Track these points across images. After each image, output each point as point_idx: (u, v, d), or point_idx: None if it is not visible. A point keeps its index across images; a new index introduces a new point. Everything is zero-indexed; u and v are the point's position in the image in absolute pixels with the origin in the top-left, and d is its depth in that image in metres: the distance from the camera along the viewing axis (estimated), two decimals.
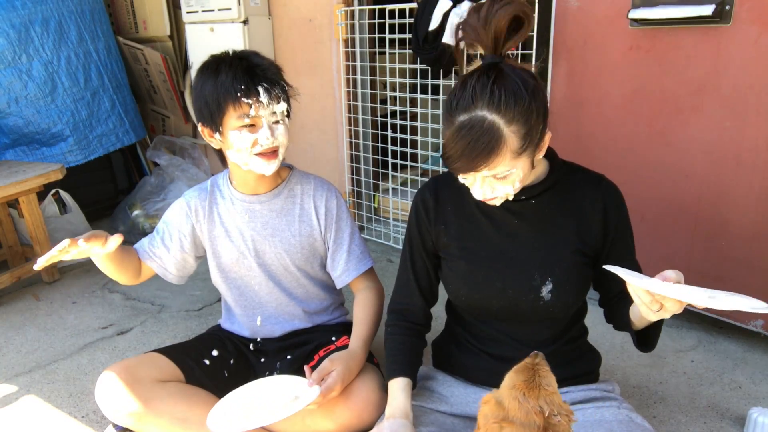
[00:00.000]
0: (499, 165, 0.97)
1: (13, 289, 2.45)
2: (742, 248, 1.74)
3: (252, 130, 1.28)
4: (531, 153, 1.01)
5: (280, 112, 1.31)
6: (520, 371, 0.88)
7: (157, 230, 1.50)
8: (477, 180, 1.02)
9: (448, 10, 2.06)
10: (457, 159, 0.97)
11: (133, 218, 3.14)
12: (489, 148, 0.95)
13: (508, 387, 0.88)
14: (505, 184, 1.02)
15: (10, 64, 2.71)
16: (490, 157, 0.95)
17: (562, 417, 0.83)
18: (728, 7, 1.59)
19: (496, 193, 1.03)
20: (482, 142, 0.94)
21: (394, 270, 2.51)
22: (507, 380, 0.89)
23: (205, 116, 1.31)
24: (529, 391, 0.85)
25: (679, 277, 0.87)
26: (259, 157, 1.31)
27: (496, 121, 0.95)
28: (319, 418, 1.27)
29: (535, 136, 0.99)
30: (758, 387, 1.64)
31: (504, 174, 0.99)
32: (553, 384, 0.87)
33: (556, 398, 0.86)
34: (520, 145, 0.97)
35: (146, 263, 1.47)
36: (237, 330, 1.58)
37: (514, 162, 0.98)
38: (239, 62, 1.27)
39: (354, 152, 2.90)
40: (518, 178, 1.01)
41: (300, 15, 2.87)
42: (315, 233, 1.47)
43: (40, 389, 1.75)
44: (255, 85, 1.25)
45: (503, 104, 0.94)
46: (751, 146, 1.66)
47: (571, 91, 1.99)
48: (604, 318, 1.21)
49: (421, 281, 1.26)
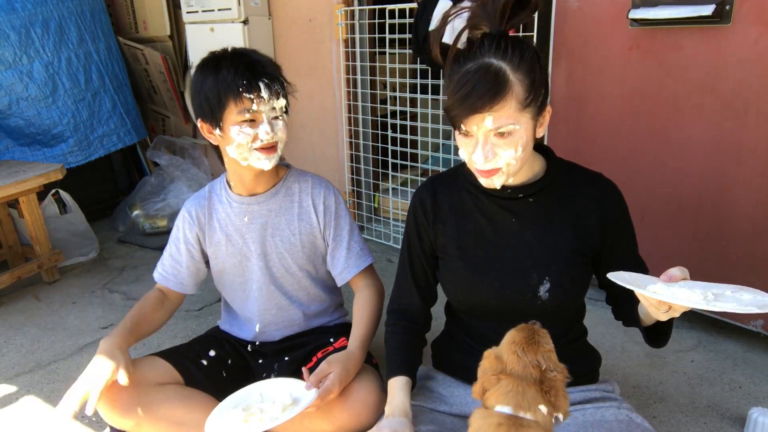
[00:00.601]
0: (504, 109, 0.95)
1: (13, 289, 2.45)
2: (742, 248, 1.74)
3: (252, 125, 1.29)
4: (534, 115, 1.00)
5: (280, 107, 1.32)
6: (520, 330, 0.92)
7: (164, 252, 1.52)
8: (479, 139, 0.99)
9: (448, 10, 2.06)
10: (461, 102, 0.96)
11: (133, 218, 3.14)
12: (495, 89, 0.94)
13: (508, 342, 0.91)
14: (507, 147, 0.99)
15: (11, 66, 2.71)
16: (496, 98, 0.94)
17: (557, 374, 0.87)
18: (728, 7, 1.59)
19: (496, 159, 1.00)
20: (488, 82, 0.94)
21: (394, 270, 2.49)
22: (507, 337, 0.93)
23: (205, 112, 1.31)
24: (528, 346, 0.88)
25: (684, 274, 0.88)
26: (258, 151, 1.31)
27: (502, 67, 0.95)
28: (317, 421, 1.26)
29: (538, 94, 0.99)
30: (758, 387, 1.64)
31: (507, 128, 0.97)
32: (550, 344, 0.91)
33: (553, 356, 0.89)
34: (525, 96, 0.96)
35: (166, 288, 1.50)
36: (236, 332, 1.58)
37: (518, 115, 0.97)
38: (240, 58, 1.28)
39: (354, 152, 2.90)
40: (521, 142, 0.99)
41: (300, 15, 2.87)
42: (315, 231, 1.46)
43: (40, 389, 1.75)
44: (256, 81, 1.26)
45: (509, 53, 0.96)
46: (751, 146, 1.65)
47: (571, 91, 1.99)
48: (604, 318, 1.21)
49: (419, 281, 1.26)
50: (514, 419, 0.85)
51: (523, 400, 0.85)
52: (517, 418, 0.85)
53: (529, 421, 0.84)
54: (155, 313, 1.45)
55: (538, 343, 0.89)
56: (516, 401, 0.85)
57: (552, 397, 0.85)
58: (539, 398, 0.85)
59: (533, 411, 0.85)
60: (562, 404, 0.86)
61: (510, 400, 0.85)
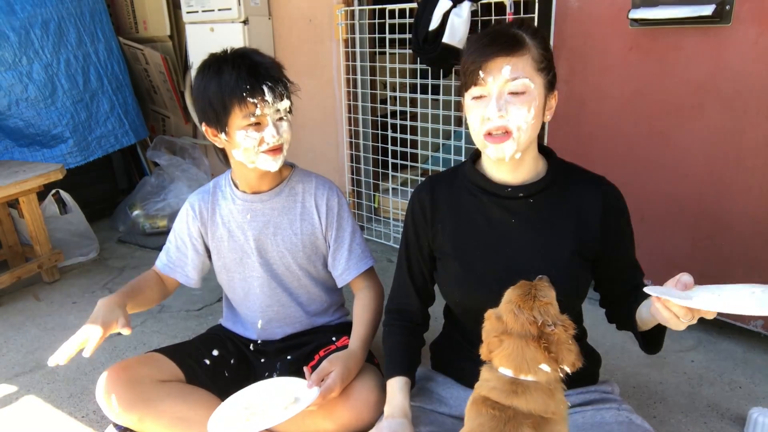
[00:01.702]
0: (522, 61, 0.99)
1: (13, 289, 2.45)
2: (742, 248, 1.74)
3: (258, 128, 1.29)
4: (546, 85, 1.03)
5: (284, 109, 1.32)
6: (517, 287, 0.92)
7: (169, 241, 1.52)
8: (493, 94, 1.00)
9: (448, 10, 2.06)
10: (481, 49, 1.01)
11: (133, 218, 3.14)
12: (513, 41, 1.00)
13: (505, 302, 0.92)
14: (521, 105, 1.00)
15: (11, 67, 2.71)
16: (515, 47, 0.99)
17: (557, 327, 0.86)
18: (728, 7, 1.59)
19: (509, 117, 1.00)
20: (508, 36, 1.01)
21: (394, 270, 2.51)
22: (505, 296, 0.93)
23: (209, 117, 1.30)
24: (523, 303, 0.88)
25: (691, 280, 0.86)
26: (265, 154, 1.31)
27: (519, 32, 1.02)
28: (318, 419, 1.27)
29: (551, 67, 1.04)
30: (758, 387, 1.64)
31: (524, 82, 0.99)
32: (549, 296, 0.90)
33: (552, 309, 0.88)
34: (540, 59, 1.01)
35: (171, 277, 1.50)
36: (239, 330, 1.58)
37: (534, 74, 1.01)
38: (242, 61, 1.27)
39: (354, 152, 2.90)
40: (534, 104, 1.01)
41: (300, 15, 2.87)
42: (317, 231, 1.47)
43: (40, 389, 1.75)
44: (260, 84, 1.25)
45: (525, 25, 1.04)
46: (751, 146, 1.66)
47: (571, 91, 1.99)
48: (604, 318, 1.21)
49: (417, 281, 1.26)
50: (514, 382, 0.85)
51: (522, 361, 0.84)
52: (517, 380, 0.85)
53: (528, 383, 0.84)
54: (153, 291, 1.46)
55: (534, 297, 0.89)
56: (516, 364, 0.85)
57: (554, 352, 0.84)
58: (539, 356, 0.84)
59: (534, 371, 0.84)
60: (566, 357, 0.85)
61: (511, 363, 0.86)
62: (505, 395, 0.84)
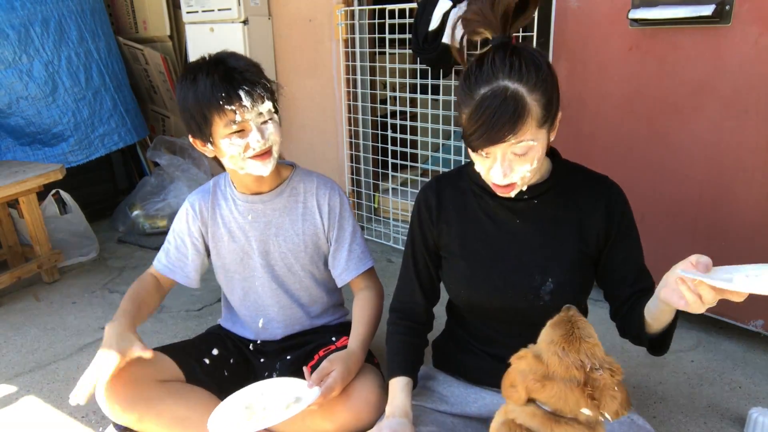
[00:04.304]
0: (526, 134, 0.95)
1: (13, 289, 2.45)
2: (742, 248, 1.74)
3: (242, 135, 1.26)
4: (549, 128, 1.00)
5: (267, 111, 1.28)
6: (557, 325, 0.84)
7: (168, 242, 1.51)
8: (497, 157, 0.99)
9: (448, 10, 2.06)
10: (483, 131, 0.94)
11: (133, 218, 3.14)
12: (516, 116, 0.93)
13: (546, 342, 0.83)
14: (523, 162, 0.99)
15: (11, 65, 2.71)
16: (516, 124, 0.93)
17: (604, 371, 0.79)
18: (728, 7, 1.59)
19: (513, 175, 1.00)
20: (508, 109, 0.93)
21: (394, 270, 2.51)
22: (544, 335, 0.85)
23: (193, 129, 1.29)
24: (569, 345, 0.80)
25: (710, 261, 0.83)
26: (253, 159, 1.30)
27: (519, 89, 0.93)
28: (318, 419, 1.26)
29: (554, 109, 0.99)
30: (758, 387, 1.64)
31: (525, 148, 0.97)
32: (593, 335, 0.83)
33: (598, 351, 0.81)
34: (542, 115, 0.96)
35: (170, 278, 1.49)
36: (238, 330, 1.58)
37: (536, 133, 0.97)
38: (215, 68, 1.24)
39: (354, 152, 2.90)
40: (537, 155, 0.99)
41: (300, 15, 2.87)
42: (319, 232, 1.46)
43: (40, 389, 1.75)
44: (235, 90, 1.22)
45: (524, 73, 0.94)
46: (751, 146, 1.66)
47: (571, 91, 1.99)
48: (604, 318, 1.21)
49: (422, 280, 1.26)
50: (553, 416, 0.79)
51: (565, 405, 0.78)
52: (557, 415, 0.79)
53: (568, 419, 0.79)
54: (152, 298, 1.45)
55: (579, 338, 0.81)
56: (557, 407, 0.79)
57: (597, 399, 0.78)
58: (582, 402, 0.78)
59: (575, 414, 0.79)
60: (609, 405, 0.78)
61: (551, 405, 0.80)
62: (543, 427, 0.79)
